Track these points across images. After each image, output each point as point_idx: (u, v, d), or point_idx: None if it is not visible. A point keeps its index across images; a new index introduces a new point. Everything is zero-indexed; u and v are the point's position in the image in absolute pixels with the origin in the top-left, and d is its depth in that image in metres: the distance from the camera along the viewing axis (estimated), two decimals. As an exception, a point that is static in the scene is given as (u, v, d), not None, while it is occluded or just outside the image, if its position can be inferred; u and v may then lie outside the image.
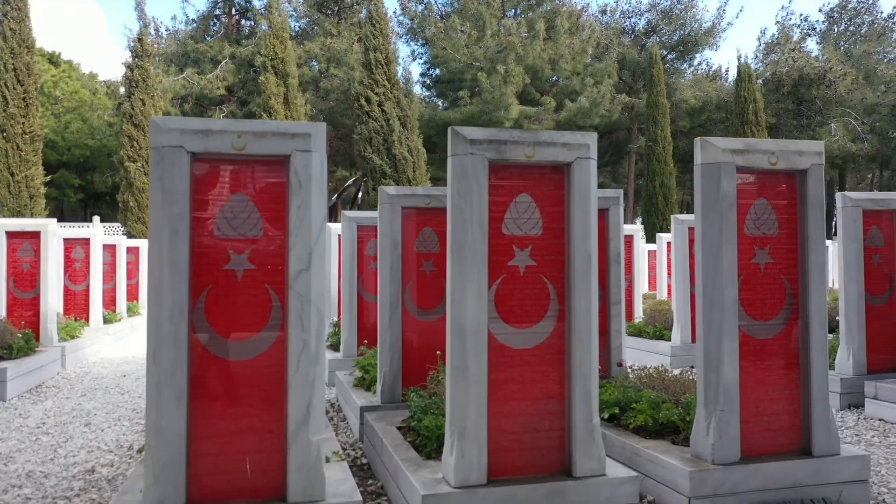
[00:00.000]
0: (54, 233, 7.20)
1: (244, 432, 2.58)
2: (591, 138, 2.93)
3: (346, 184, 33.22)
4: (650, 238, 21.69)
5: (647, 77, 28.58)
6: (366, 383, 4.91)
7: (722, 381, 3.02)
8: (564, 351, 2.90)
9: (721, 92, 31.63)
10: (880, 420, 4.82)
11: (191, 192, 2.54)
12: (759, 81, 29.49)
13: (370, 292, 6.35)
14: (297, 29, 33.63)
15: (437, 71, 32.29)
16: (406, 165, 24.44)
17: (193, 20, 32.40)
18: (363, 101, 26.09)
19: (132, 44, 24.83)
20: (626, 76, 33.85)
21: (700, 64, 36.66)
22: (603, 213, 4.88)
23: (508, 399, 2.84)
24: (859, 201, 5.33)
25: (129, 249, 11.15)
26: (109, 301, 10.25)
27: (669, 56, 34.15)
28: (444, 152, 31.19)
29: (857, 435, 4.46)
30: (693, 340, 6.99)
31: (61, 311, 8.69)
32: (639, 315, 8.94)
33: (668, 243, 9.76)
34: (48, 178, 24.11)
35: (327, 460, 3.10)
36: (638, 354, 7.59)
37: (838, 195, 5.39)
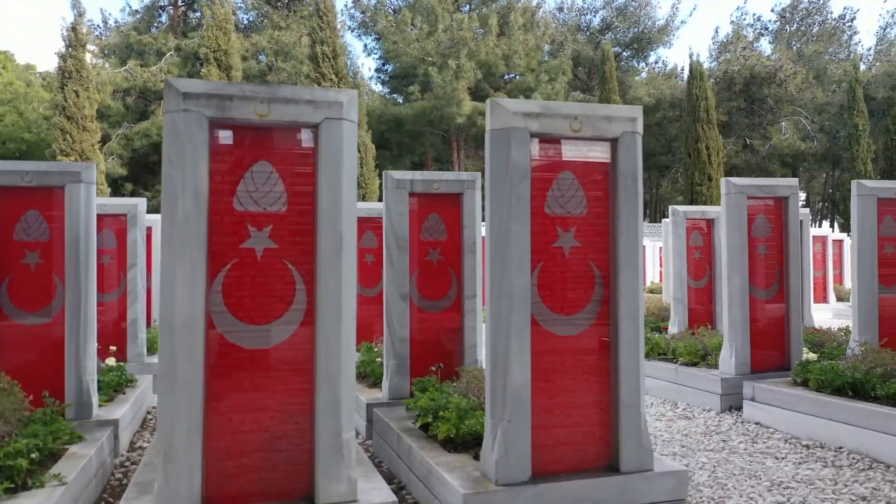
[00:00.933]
0: None
1: None
2: (347, 95, 2.43)
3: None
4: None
5: (599, 74, 28.41)
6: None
7: (510, 386, 2.55)
8: (314, 351, 2.41)
9: (675, 90, 31.63)
10: (756, 424, 4.41)
11: None
12: (712, 80, 29.47)
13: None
14: (245, 21, 32.78)
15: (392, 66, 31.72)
16: (352, 161, 23.86)
17: (138, 11, 31.35)
18: (309, 95, 25.41)
19: (66, 33, 23.83)
20: (582, 73, 33.68)
21: (656, 62, 36.71)
22: (458, 198, 4.41)
23: (236, 411, 2.33)
24: (744, 188, 4.94)
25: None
26: None
27: (625, 54, 34.07)
28: (397, 148, 30.63)
29: (724, 441, 4.04)
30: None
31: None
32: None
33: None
34: (-24, 172, 22.98)
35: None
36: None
37: (722, 181, 4.99)
